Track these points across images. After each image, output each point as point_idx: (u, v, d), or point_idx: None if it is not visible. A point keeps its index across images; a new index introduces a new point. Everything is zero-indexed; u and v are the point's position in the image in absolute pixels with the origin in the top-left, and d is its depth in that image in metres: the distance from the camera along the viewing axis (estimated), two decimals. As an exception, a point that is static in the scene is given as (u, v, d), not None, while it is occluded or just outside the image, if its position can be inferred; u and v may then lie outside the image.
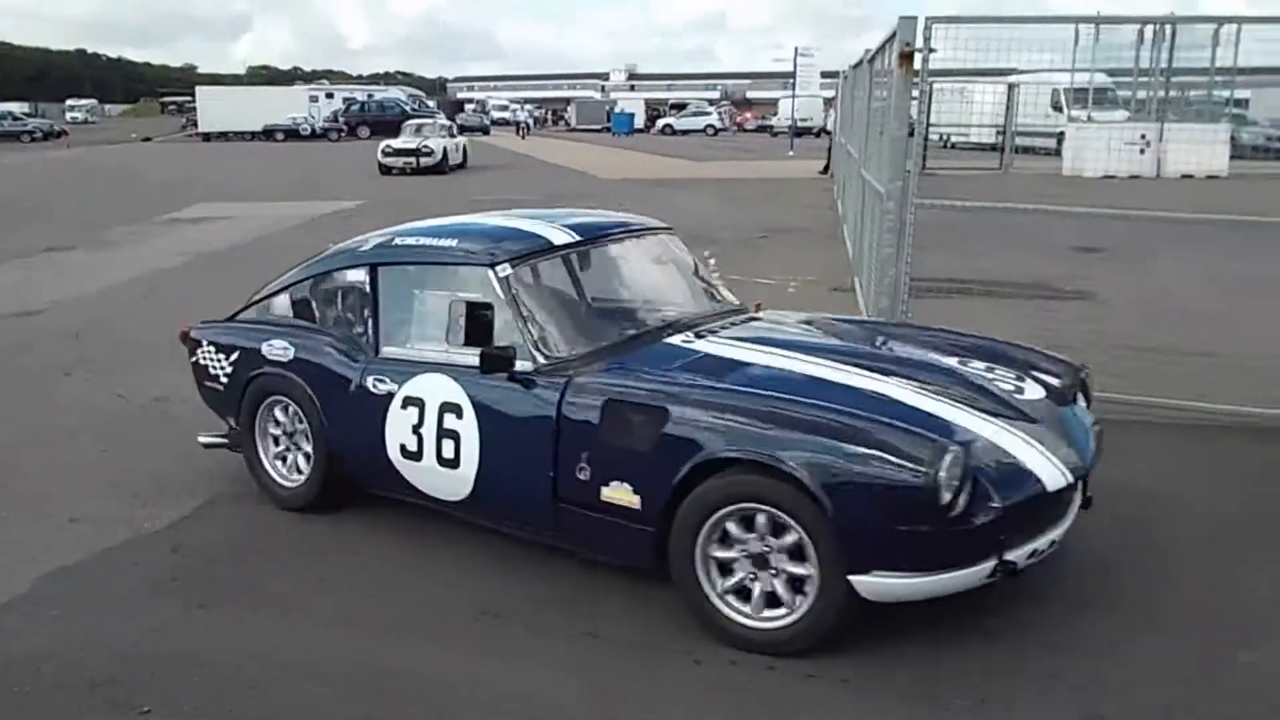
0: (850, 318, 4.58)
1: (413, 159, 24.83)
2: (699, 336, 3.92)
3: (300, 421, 4.38)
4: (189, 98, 61.83)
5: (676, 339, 3.88)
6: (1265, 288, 8.85)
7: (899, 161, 6.09)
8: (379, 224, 5.50)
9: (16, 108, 66.59)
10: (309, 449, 4.36)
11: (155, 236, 13.95)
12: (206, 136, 48.79)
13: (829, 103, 23.71)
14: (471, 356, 3.66)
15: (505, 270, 3.80)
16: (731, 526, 3.23)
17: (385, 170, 24.75)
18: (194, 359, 4.76)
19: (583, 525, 3.50)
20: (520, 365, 3.61)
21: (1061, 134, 23.18)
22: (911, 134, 6.15)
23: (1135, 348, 6.14)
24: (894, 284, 6.01)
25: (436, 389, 3.80)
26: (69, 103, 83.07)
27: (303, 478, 4.40)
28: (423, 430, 3.83)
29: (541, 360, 3.62)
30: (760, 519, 3.18)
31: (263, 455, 4.53)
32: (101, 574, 3.89)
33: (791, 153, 31.44)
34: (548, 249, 4.02)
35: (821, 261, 11.01)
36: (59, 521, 4.35)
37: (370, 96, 56.70)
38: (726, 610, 3.28)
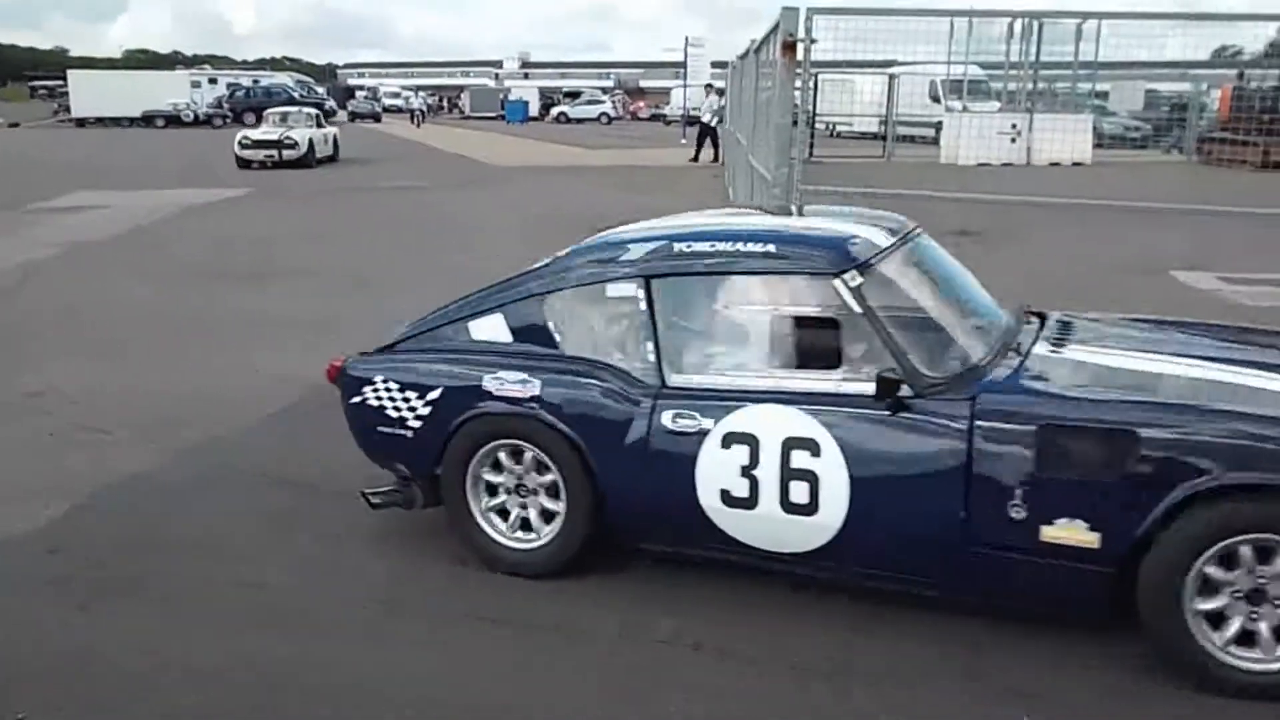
0: (1153, 318, 4.09)
1: (274, 151, 21.95)
2: (1058, 346, 3.49)
3: (545, 471, 3.62)
4: (60, 81, 58.91)
5: (1042, 349, 3.44)
6: (1129, 264, 9.42)
7: (784, 149, 6.29)
8: (270, 211, 5.38)
9: None
10: (551, 504, 3.64)
11: (26, 226, 13.34)
12: (81, 122, 46.76)
13: (719, 91, 23.95)
14: (822, 382, 3.21)
15: (855, 279, 3.23)
16: (1213, 570, 2.83)
17: (243, 164, 21.93)
18: (357, 399, 3.89)
19: (1005, 571, 3.04)
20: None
21: (939, 124, 23.97)
22: (796, 123, 6.34)
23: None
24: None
25: (774, 423, 3.21)
26: (-75, 87, 78.18)
27: (542, 538, 3.66)
28: (758, 473, 3.23)
29: (924, 382, 3.10)
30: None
31: (476, 512, 3.74)
32: (-26, 578, 3.76)
33: (684, 140, 31.65)
34: (880, 251, 3.46)
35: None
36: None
37: (256, 82, 55.05)
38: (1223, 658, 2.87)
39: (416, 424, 3.74)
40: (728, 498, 3.28)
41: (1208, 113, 25.05)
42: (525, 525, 3.72)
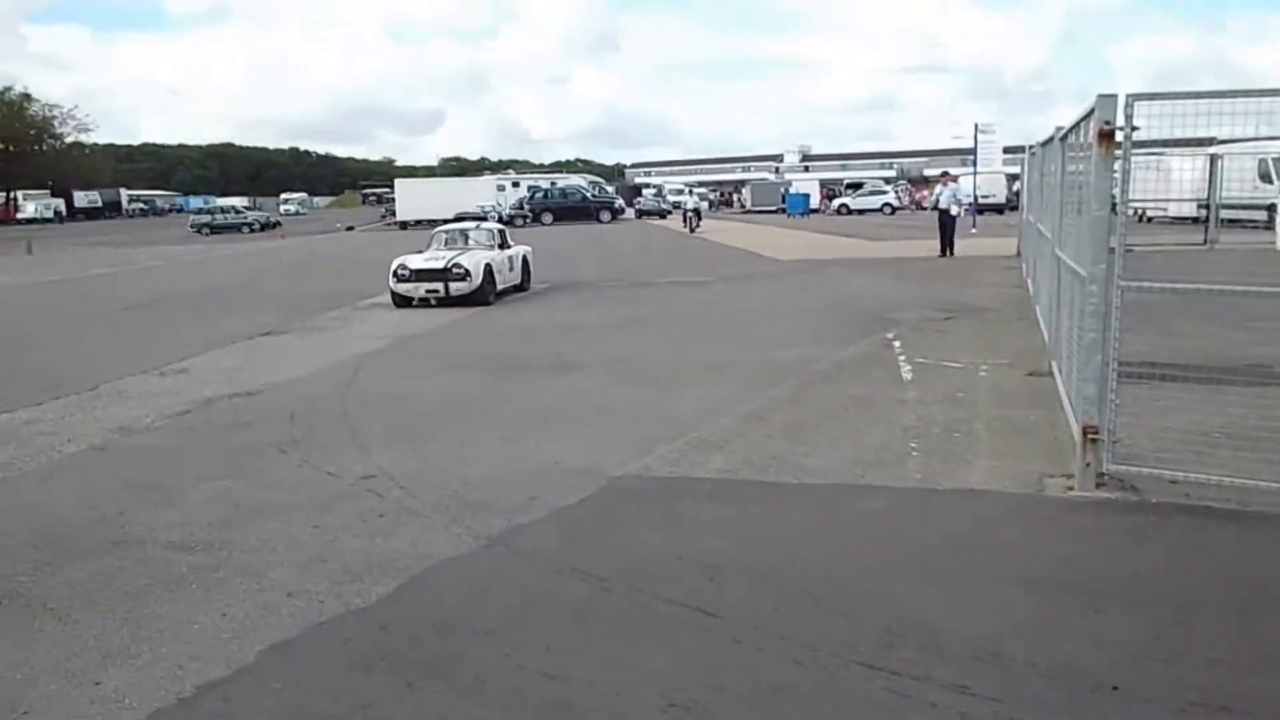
0: None
1: (439, 285, 16.11)
2: None
3: None
4: (387, 189, 66.64)
5: None
6: None
7: (1101, 241, 5.85)
8: (564, 305, 5.69)
9: (239, 202, 73.47)
10: None
11: (358, 321, 14.90)
12: (404, 225, 52.05)
13: (955, 179, 22.92)
14: None
15: None
16: None
17: (401, 302, 16.34)
18: None
19: None
20: None
21: (1273, 205, 21.70)
22: (1112, 210, 5.91)
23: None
24: (1100, 370, 5.71)
25: None
26: (283, 196, 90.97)
27: None
28: None
29: None
30: None
31: None
32: (315, 649, 4.10)
33: (974, 230, 30.58)
34: None
35: (1013, 344, 10.59)
36: (278, 595, 4.62)
37: (553, 184, 59.25)
38: None
39: None
40: None
41: None
42: None
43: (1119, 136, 5.67)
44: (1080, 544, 5.13)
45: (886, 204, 56.33)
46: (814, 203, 60.19)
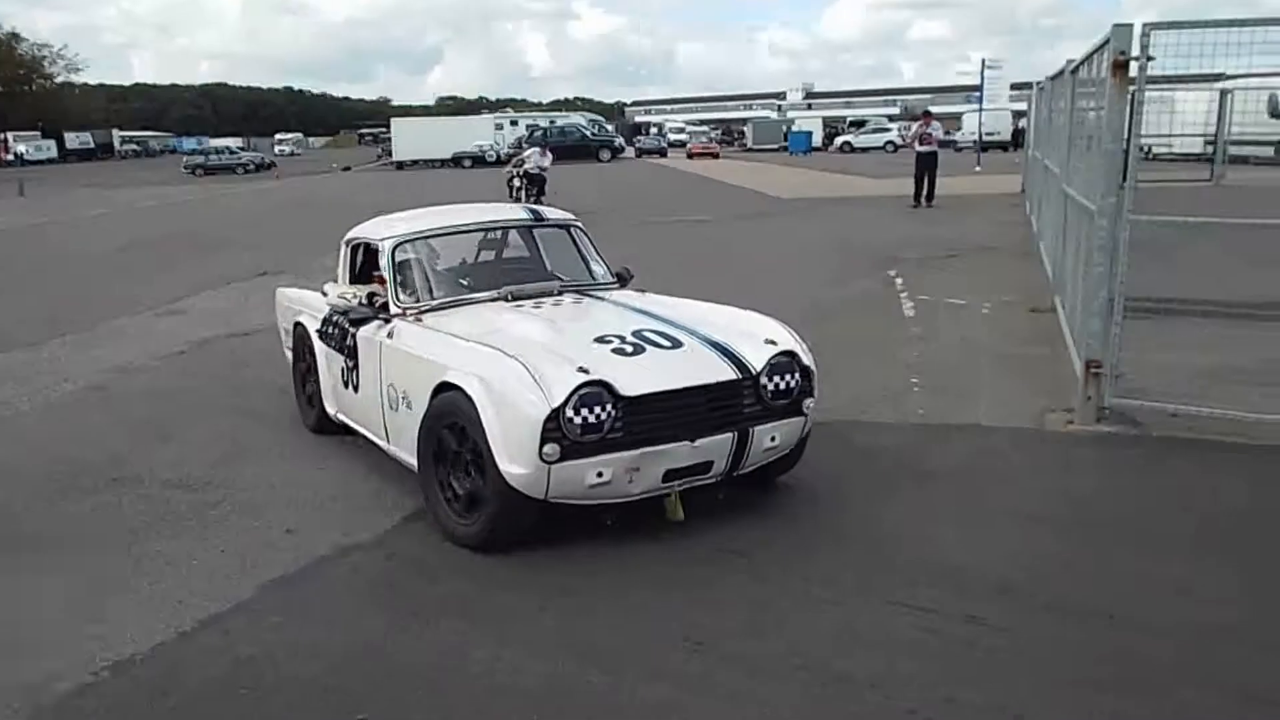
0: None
1: None
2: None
3: None
4: (384, 129, 65.68)
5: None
6: None
7: (1112, 176, 5.75)
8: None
9: (232, 142, 72.56)
10: None
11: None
12: (400, 165, 51.47)
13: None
14: None
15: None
16: None
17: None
18: None
19: None
20: None
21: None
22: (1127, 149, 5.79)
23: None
24: (1105, 305, 5.65)
25: None
26: (277, 137, 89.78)
27: None
28: None
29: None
30: None
31: None
32: (315, 583, 4.10)
33: (979, 168, 30.29)
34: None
35: (1016, 281, 10.51)
36: (278, 532, 4.61)
37: (552, 122, 58.47)
38: None
39: None
40: None
41: None
42: None
43: (1134, 68, 5.54)
44: (1080, 478, 5.13)
45: (890, 142, 55.65)
46: (816, 140, 59.55)
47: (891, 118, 67.46)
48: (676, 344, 4.46)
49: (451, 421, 4.28)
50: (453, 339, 4.61)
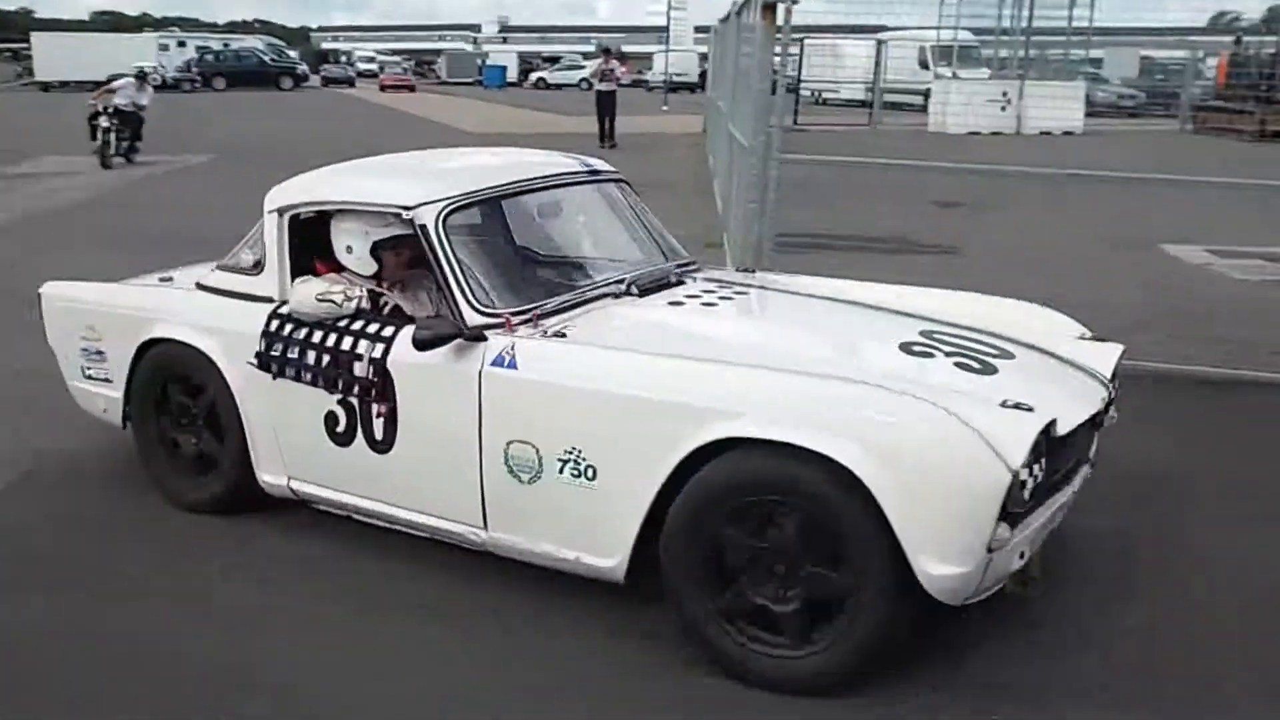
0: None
1: None
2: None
3: None
4: (24, 44, 57.64)
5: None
6: (1117, 237, 9.18)
7: (763, 116, 5.95)
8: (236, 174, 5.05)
9: None
10: None
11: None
12: (45, 86, 45.59)
13: (619, 56, 22.82)
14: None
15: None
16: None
17: None
18: None
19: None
20: None
21: (928, 91, 23.63)
22: (775, 89, 6.02)
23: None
24: (757, 239, 5.89)
25: None
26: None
27: None
28: None
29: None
30: None
31: None
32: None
33: (665, 108, 31.18)
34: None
35: (693, 216, 10.84)
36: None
37: (226, 46, 53.96)
38: None
39: None
40: None
41: (1203, 80, 24.78)
42: None
43: (780, 12, 5.73)
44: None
45: (584, 79, 56.05)
46: (511, 76, 59.00)
47: (586, 55, 68.07)
48: (1006, 354, 3.26)
49: (768, 513, 2.77)
50: (703, 365, 2.97)
